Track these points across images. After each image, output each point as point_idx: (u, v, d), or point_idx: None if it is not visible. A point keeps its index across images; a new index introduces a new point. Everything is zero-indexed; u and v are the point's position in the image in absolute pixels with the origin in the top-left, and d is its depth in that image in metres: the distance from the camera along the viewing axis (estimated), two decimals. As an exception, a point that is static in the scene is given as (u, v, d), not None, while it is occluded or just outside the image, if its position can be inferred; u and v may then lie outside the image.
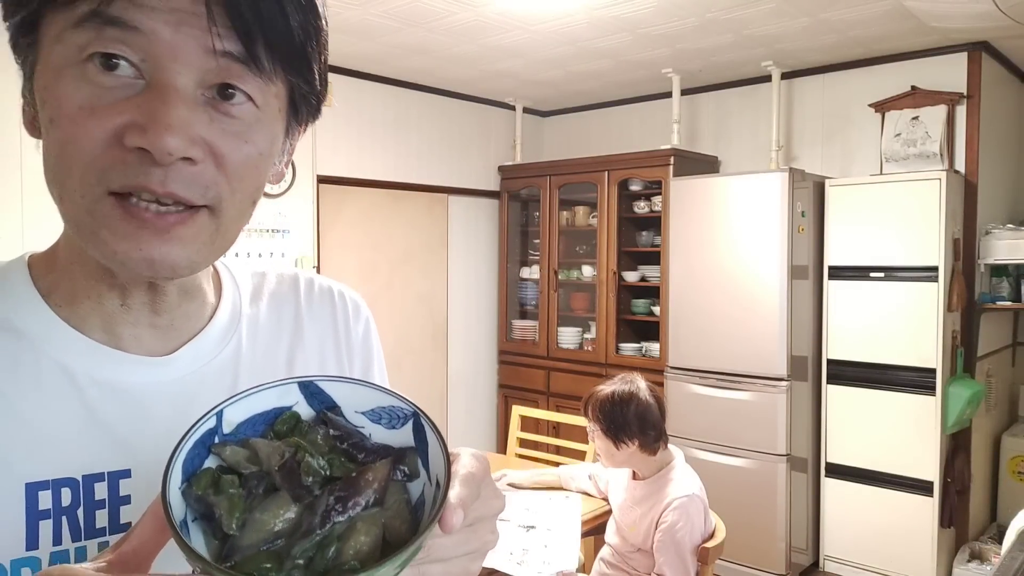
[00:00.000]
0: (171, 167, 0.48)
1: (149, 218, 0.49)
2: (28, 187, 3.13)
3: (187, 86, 0.48)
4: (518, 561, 1.99)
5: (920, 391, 3.45)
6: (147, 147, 0.46)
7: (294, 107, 0.56)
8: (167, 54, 0.47)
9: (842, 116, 4.08)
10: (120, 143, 0.47)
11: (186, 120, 0.47)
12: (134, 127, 0.47)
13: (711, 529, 2.15)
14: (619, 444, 2.12)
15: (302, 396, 0.49)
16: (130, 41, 0.47)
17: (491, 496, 0.50)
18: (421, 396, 4.73)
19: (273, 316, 0.68)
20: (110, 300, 0.56)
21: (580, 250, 4.90)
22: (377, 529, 0.43)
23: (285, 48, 0.50)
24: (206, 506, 0.42)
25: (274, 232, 3.92)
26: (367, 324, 0.75)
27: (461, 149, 4.92)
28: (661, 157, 4.22)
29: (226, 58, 0.48)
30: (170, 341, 0.59)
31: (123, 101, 0.47)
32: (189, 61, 0.48)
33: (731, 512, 2.94)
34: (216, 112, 0.50)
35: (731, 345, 3.73)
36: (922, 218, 3.44)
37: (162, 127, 0.46)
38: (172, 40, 0.47)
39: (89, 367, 0.55)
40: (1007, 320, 4.21)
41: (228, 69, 0.49)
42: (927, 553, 3.46)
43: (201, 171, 0.49)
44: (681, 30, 3.51)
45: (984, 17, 3.22)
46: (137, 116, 0.47)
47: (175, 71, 0.47)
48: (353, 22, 3.41)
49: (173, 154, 0.47)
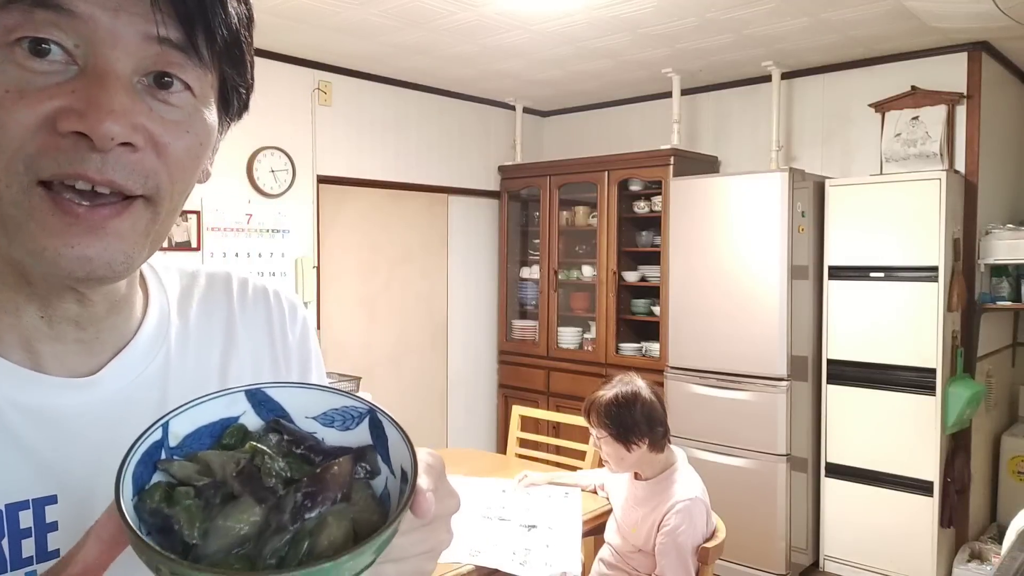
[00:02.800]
0: (110, 153, 0.45)
1: (82, 213, 0.46)
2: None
3: (125, 73, 0.46)
4: (521, 561, 1.99)
5: (920, 391, 3.45)
6: (86, 131, 0.44)
7: (225, 99, 0.54)
8: (107, 40, 0.45)
9: (842, 116, 4.08)
10: (52, 129, 0.44)
11: (127, 106, 0.45)
12: (70, 112, 0.44)
13: (712, 530, 2.15)
14: (630, 446, 2.11)
15: (250, 405, 0.48)
16: (64, 25, 0.44)
17: (447, 495, 0.49)
18: (421, 396, 4.73)
19: (204, 322, 0.64)
20: (28, 314, 0.52)
21: (580, 250, 4.90)
22: (347, 523, 0.42)
23: (224, 37, 0.49)
24: (162, 519, 0.41)
25: (274, 232, 3.92)
26: (304, 326, 0.72)
27: (461, 149, 4.92)
28: (661, 157, 4.22)
29: (166, 45, 0.46)
30: (94, 356, 0.55)
31: (55, 86, 0.45)
32: (128, 48, 0.46)
33: (731, 512, 2.94)
34: (155, 100, 0.48)
35: (731, 345, 3.73)
36: (922, 218, 3.44)
37: (103, 112, 0.44)
38: (111, 25, 0.45)
39: (7, 391, 0.51)
40: (1007, 320, 4.21)
41: (167, 57, 0.47)
42: (927, 553, 3.46)
43: (141, 159, 0.47)
44: (681, 30, 3.51)
45: (984, 17, 3.22)
46: (73, 101, 0.44)
47: (114, 57, 0.45)
48: (353, 22, 3.41)
49: (115, 139, 0.45)
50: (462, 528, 2.19)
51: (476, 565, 1.96)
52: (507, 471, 2.78)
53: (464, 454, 3.22)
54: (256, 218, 3.84)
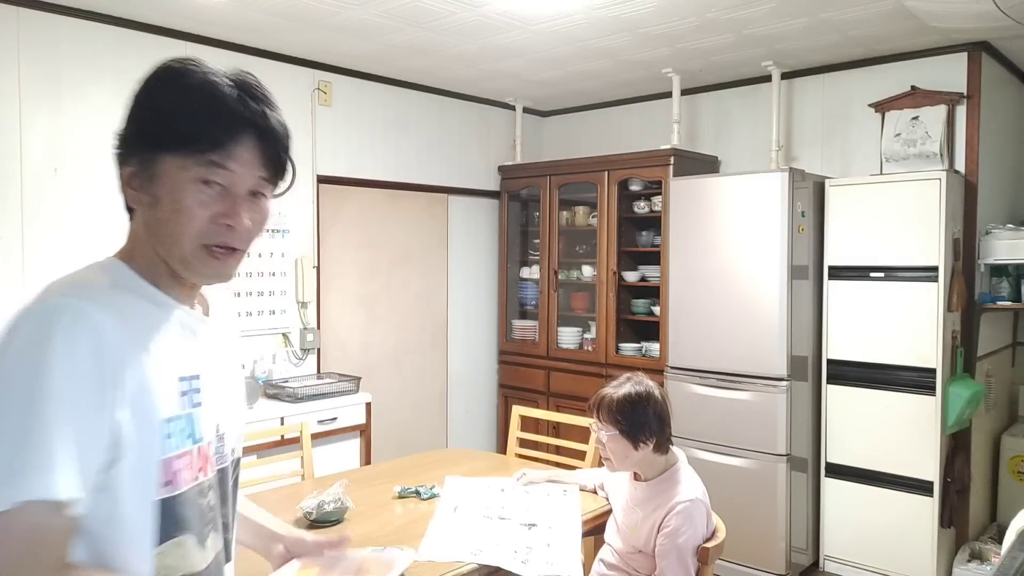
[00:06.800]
0: (237, 232, 0.96)
1: (222, 257, 0.97)
2: (27, 189, 3.13)
3: (245, 194, 0.97)
4: (523, 560, 1.99)
5: (920, 391, 3.45)
6: (233, 224, 0.95)
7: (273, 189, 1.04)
8: (239, 181, 0.95)
9: (842, 116, 4.08)
10: (215, 221, 0.94)
11: (247, 209, 0.97)
12: (224, 215, 0.95)
13: (712, 531, 2.15)
14: (638, 445, 2.10)
15: None
16: (221, 175, 0.93)
17: None
18: (421, 396, 4.74)
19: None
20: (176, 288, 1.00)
21: (580, 250, 4.90)
22: None
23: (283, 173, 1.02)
24: None
25: (274, 232, 3.92)
26: None
27: (461, 149, 4.92)
28: (661, 157, 4.22)
29: (262, 180, 0.98)
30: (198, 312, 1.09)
31: (214, 200, 0.94)
32: (248, 183, 0.96)
33: (731, 512, 2.94)
34: (252, 202, 0.98)
35: (731, 345, 3.73)
36: (922, 218, 3.44)
37: (239, 216, 0.96)
38: (242, 172, 0.95)
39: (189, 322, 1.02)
40: (1007, 320, 4.21)
41: (261, 184, 0.98)
42: (927, 553, 3.46)
43: (246, 234, 0.97)
44: (681, 30, 3.51)
45: (984, 17, 3.22)
46: (226, 209, 0.95)
47: (243, 188, 0.96)
48: (353, 22, 3.41)
49: (242, 225, 0.96)
50: (463, 527, 2.19)
51: (478, 564, 1.96)
52: (507, 471, 2.78)
53: (464, 454, 3.22)
54: (256, 218, 3.83)
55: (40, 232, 3.16)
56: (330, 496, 2.23)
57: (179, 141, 0.91)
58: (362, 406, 3.90)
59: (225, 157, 0.92)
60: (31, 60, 3.12)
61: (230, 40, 3.70)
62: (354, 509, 2.29)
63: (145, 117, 0.94)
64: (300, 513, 2.23)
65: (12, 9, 3.07)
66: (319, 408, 3.69)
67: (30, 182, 3.14)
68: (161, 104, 0.93)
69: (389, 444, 4.38)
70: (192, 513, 0.97)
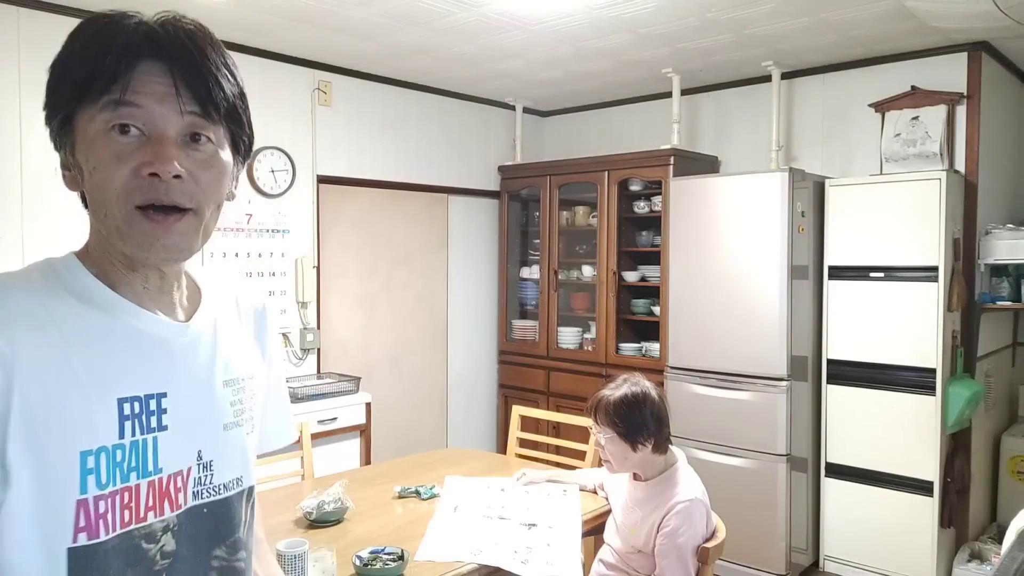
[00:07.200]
0: (170, 184, 0.78)
1: (159, 220, 0.79)
2: (27, 189, 3.13)
3: (173, 136, 0.79)
4: (523, 560, 1.99)
5: (920, 391, 3.45)
6: (157, 172, 0.77)
7: (235, 145, 0.87)
8: (159, 120, 0.78)
9: (842, 116, 4.08)
10: (137, 175, 0.77)
11: (175, 155, 0.78)
12: (146, 163, 0.77)
13: (712, 531, 2.15)
14: (636, 446, 2.10)
15: None
16: (135, 115, 0.77)
17: None
18: (421, 396, 4.73)
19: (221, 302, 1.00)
20: (135, 284, 0.84)
21: (580, 250, 4.90)
22: None
23: (225, 106, 0.82)
24: None
25: (274, 232, 3.92)
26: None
27: (461, 149, 4.92)
28: (661, 157, 4.22)
29: (191, 116, 0.80)
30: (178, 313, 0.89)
31: (136, 150, 0.78)
32: (171, 121, 0.79)
33: (731, 512, 2.94)
34: (191, 150, 0.80)
35: (731, 345, 3.73)
36: (922, 218, 3.44)
37: (164, 159, 0.77)
38: (160, 110, 0.78)
39: (153, 329, 0.84)
40: (1007, 320, 4.21)
41: (193, 123, 0.80)
42: (927, 553, 3.46)
43: (186, 185, 0.79)
44: (681, 30, 3.51)
45: (984, 17, 3.22)
46: (148, 156, 0.77)
47: (165, 128, 0.78)
48: (353, 22, 3.41)
49: (171, 172, 0.78)
50: (463, 527, 2.19)
51: (478, 564, 1.96)
52: (507, 471, 2.78)
53: (464, 454, 3.22)
54: (256, 218, 3.84)
55: (40, 232, 3.16)
56: (330, 496, 2.24)
57: (76, 89, 0.77)
58: (362, 406, 3.90)
59: (127, 91, 0.76)
60: (31, 60, 3.12)
61: (230, 40, 3.70)
62: (354, 509, 2.29)
63: (49, 82, 0.81)
64: (300, 513, 2.23)
65: (12, 9, 3.08)
66: (319, 408, 3.69)
67: (30, 182, 3.14)
68: (59, 60, 0.81)
69: (389, 444, 4.38)
70: (123, 564, 0.78)
